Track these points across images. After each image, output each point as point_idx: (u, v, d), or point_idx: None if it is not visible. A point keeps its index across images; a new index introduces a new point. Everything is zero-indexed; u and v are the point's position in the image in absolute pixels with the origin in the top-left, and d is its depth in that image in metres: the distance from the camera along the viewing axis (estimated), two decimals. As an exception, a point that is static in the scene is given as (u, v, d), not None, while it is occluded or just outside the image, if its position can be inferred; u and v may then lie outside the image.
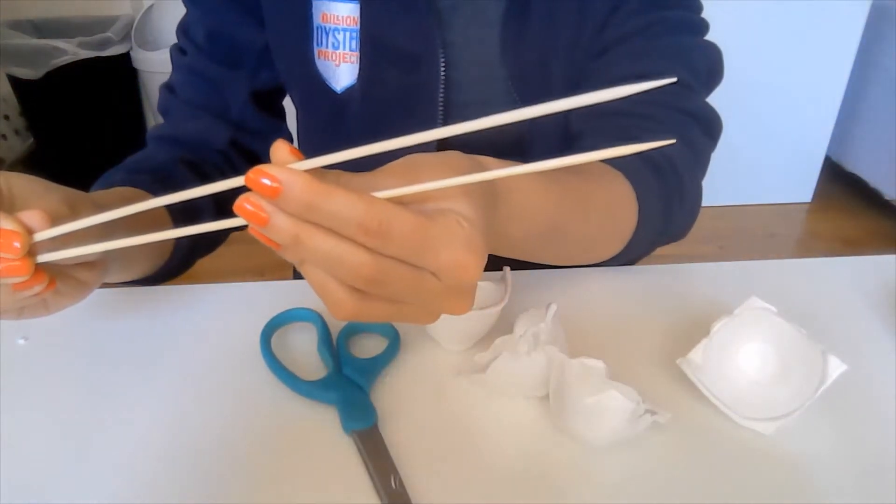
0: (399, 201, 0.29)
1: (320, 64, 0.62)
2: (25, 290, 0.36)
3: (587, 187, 0.48)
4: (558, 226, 0.44)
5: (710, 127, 0.59)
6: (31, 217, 0.35)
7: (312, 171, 0.27)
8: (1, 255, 0.34)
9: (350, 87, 0.61)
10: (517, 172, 0.29)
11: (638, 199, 0.52)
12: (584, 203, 0.47)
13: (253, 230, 0.28)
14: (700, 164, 0.59)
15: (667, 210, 0.55)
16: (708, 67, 0.60)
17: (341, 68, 0.61)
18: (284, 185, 0.26)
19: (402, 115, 0.62)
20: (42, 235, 0.35)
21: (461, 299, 0.31)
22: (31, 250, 0.35)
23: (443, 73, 0.59)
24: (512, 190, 0.38)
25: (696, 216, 0.59)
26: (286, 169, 0.26)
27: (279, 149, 0.28)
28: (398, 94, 0.61)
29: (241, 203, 0.27)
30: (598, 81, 0.58)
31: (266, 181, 0.26)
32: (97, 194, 0.51)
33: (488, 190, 0.34)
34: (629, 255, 0.56)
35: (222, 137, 0.65)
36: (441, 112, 0.60)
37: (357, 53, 0.60)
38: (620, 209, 0.52)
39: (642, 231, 0.53)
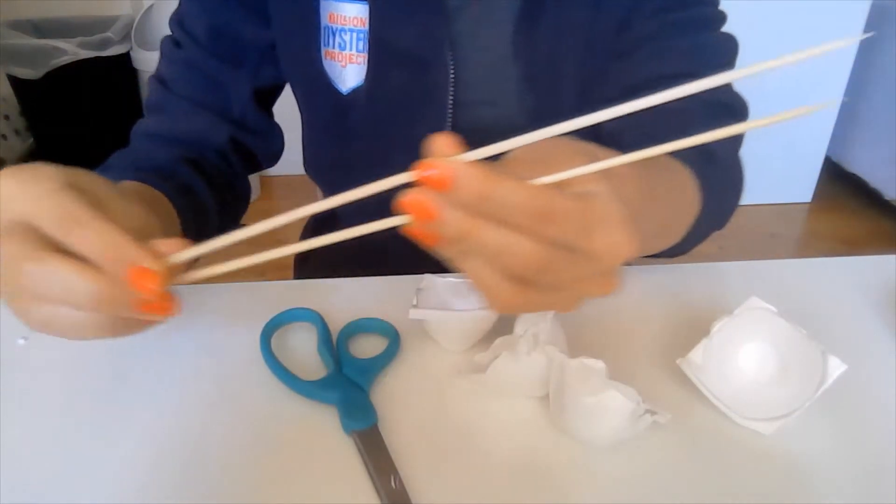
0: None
1: (327, 64, 0.61)
2: (157, 318, 0.34)
3: (659, 178, 0.47)
4: (635, 214, 0.44)
5: (739, 112, 0.62)
6: (168, 245, 0.32)
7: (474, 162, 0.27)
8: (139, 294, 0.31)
9: (356, 88, 0.61)
10: (623, 161, 0.30)
11: (700, 190, 0.52)
12: (659, 194, 0.46)
13: (411, 228, 0.27)
14: (739, 147, 0.61)
15: (722, 199, 0.56)
16: (726, 60, 0.62)
17: (348, 69, 0.61)
18: (458, 176, 0.25)
19: (409, 115, 0.62)
20: (176, 258, 0.32)
21: (611, 280, 0.31)
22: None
23: (451, 74, 0.59)
24: (613, 175, 0.38)
25: (739, 201, 0.61)
26: (457, 161, 0.26)
27: (441, 140, 0.27)
28: (406, 94, 0.61)
29: (408, 199, 0.26)
30: (622, 85, 0.59)
31: (436, 173, 0.26)
32: (133, 191, 0.50)
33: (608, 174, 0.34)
34: (683, 247, 0.56)
35: (222, 136, 0.64)
36: (450, 112, 0.60)
37: (364, 55, 0.60)
38: (684, 200, 0.51)
39: (702, 221, 0.53)
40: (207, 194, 0.60)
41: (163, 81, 0.64)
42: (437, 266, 0.55)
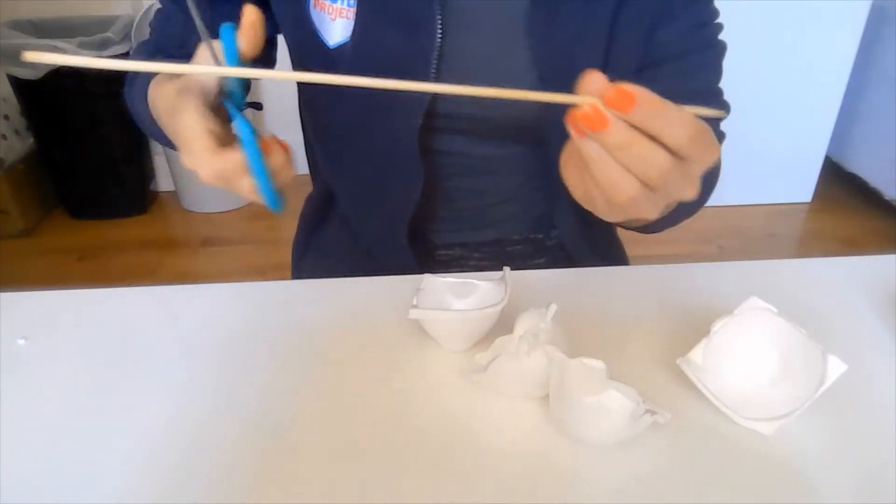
0: None
1: (315, 15, 0.61)
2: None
3: None
4: None
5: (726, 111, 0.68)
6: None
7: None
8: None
9: (343, 43, 0.60)
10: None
11: None
12: None
13: (580, 115, 0.35)
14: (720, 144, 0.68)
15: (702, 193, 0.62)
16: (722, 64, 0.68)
17: (336, 23, 0.60)
18: (639, 95, 0.34)
19: (393, 75, 0.61)
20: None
21: (695, 186, 0.39)
22: None
23: (439, 37, 0.58)
24: None
25: (710, 196, 0.68)
26: (638, 87, 0.34)
27: (593, 76, 0.35)
28: (391, 55, 0.60)
29: (586, 111, 0.35)
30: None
31: (619, 96, 0.34)
32: None
33: None
34: (657, 227, 0.63)
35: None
36: (434, 78, 0.59)
37: (354, 10, 0.59)
38: None
39: (680, 208, 0.59)
40: None
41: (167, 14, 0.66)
42: (436, 266, 0.55)
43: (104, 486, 0.41)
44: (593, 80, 0.35)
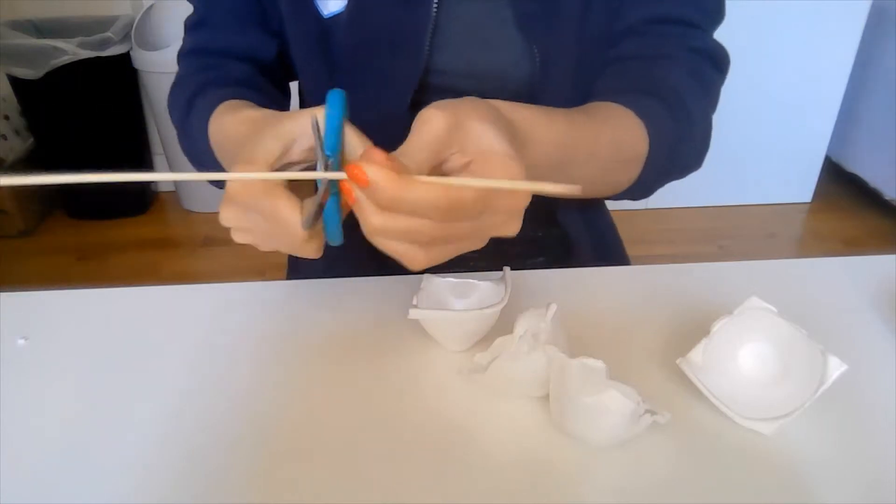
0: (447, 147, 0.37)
1: None
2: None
3: (594, 125, 0.52)
4: (564, 160, 0.48)
5: (718, 61, 0.62)
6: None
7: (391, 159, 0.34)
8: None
9: (338, 13, 0.60)
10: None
11: (649, 135, 0.55)
12: (592, 139, 0.51)
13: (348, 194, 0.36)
14: (710, 97, 0.62)
15: (677, 144, 0.58)
16: (713, 7, 0.63)
17: None
18: (373, 181, 0.33)
19: (387, 47, 0.61)
20: None
21: (514, 223, 0.38)
22: None
23: (435, 7, 0.58)
24: (517, 120, 0.43)
25: (707, 148, 0.63)
26: (376, 167, 0.33)
27: (373, 153, 0.34)
28: (386, 27, 0.60)
29: (343, 184, 0.36)
30: (620, 20, 0.61)
31: (361, 175, 0.34)
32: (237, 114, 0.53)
33: (507, 121, 0.41)
34: (642, 189, 0.60)
35: (272, 50, 0.66)
36: (427, 50, 0.60)
37: None
38: (629, 145, 0.55)
39: (651, 165, 0.57)
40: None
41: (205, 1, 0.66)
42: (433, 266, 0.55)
43: (104, 486, 0.41)
44: (370, 153, 0.35)
